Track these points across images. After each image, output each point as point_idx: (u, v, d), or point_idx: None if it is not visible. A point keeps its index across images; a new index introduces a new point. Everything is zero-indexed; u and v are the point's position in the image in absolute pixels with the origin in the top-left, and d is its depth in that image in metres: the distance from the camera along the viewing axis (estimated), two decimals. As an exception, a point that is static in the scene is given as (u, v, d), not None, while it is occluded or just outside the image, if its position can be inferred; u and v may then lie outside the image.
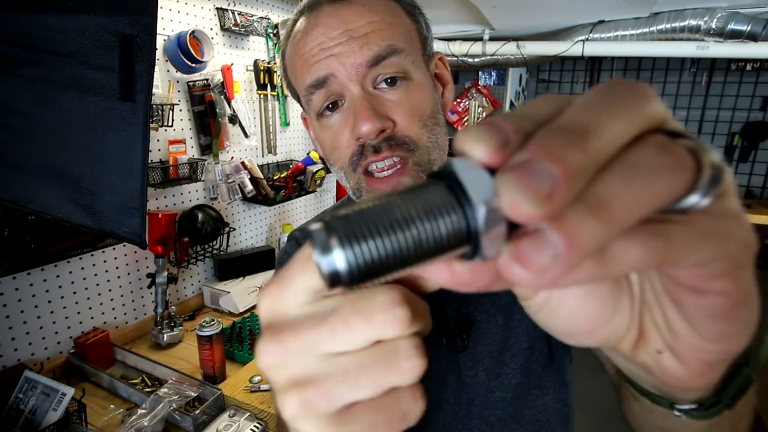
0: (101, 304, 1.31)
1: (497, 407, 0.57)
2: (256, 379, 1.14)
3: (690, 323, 0.18)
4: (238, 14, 1.61)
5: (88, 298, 1.27)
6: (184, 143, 1.46)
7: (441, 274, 0.15)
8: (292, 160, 1.97)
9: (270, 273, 1.70)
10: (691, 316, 0.17)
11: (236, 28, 1.60)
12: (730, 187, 0.15)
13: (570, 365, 0.62)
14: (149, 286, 1.37)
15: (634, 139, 0.14)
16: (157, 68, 1.30)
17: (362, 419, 0.18)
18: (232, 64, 1.58)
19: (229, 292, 1.53)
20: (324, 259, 0.14)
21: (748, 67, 2.79)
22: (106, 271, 1.31)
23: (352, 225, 0.14)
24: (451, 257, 0.15)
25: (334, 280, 0.14)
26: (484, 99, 3.12)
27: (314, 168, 1.81)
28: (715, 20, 1.94)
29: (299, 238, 0.68)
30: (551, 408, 0.59)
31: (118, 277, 1.35)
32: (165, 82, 1.41)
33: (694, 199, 0.14)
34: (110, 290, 1.33)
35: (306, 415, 0.18)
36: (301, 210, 2.16)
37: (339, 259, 0.14)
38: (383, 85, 0.50)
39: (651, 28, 2.12)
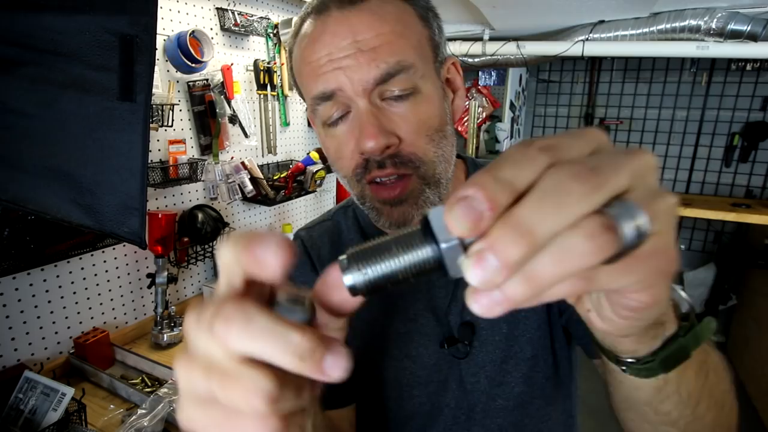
0: (101, 304, 1.31)
1: (498, 415, 0.57)
2: (256, 379, 1.14)
3: (611, 305, 0.24)
4: (238, 14, 1.61)
5: (88, 298, 1.27)
6: (184, 143, 1.46)
7: None
8: (292, 160, 1.97)
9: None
10: (612, 303, 0.24)
11: (236, 28, 1.60)
12: (659, 228, 0.19)
13: (574, 375, 0.62)
14: (149, 286, 1.37)
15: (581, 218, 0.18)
16: (157, 68, 1.30)
17: (210, 412, 0.22)
18: (232, 64, 1.58)
19: (229, 292, 1.53)
20: (345, 278, 0.22)
21: (748, 67, 2.79)
22: (106, 271, 1.31)
23: (363, 257, 0.22)
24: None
25: (352, 291, 0.22)
26: (484, 99, 3.12)
27: (314, 168, 1.81)
28: (715, 20, 1.94)
29: (304, 238, 0.68)
30: (554, 418, 0.59)
31: (118, 277, 1.35)
32: (165, 82, 1.41)
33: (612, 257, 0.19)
34: (110, 290, 1.33)
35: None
36: (301, 210, 2.16)
37: (352, 278, 0.22)
38: (390, 97, 0.48)
39: (651, 28, 2.12)
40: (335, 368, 0.21)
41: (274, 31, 1.77)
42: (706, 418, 0.35)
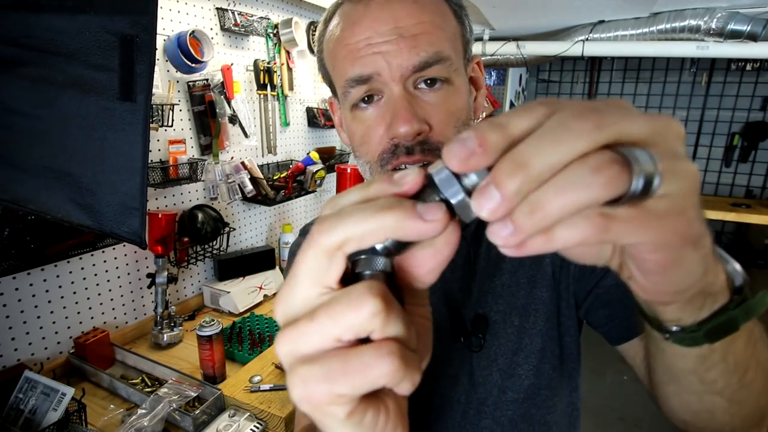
0: (101, 304, 1.31)
1: (509, 408, 0.57)
2: (256, 379, 1.14)
3: (637, 269, 0.24)
4: (238, 14, 1.61)
5: (88, 298, 1.27)
6: (184, 143, 1.46)
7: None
8: (292, 160, 1.97)
9: (269, 273, 1.70)
10: (637, 266, 0.24)
11: (236, 28, 1.60)
12: (675, 189, 0.19)
13: (580, 369, 0.62)
14: (149, 286, 1.37)
15: (584, 154, 0.18)
16: (157, 68, 1.30)
17: (323, 362, 0.21)
18: (232, 64, 1.58)
19: (229, 292, 1.53)
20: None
21: (748, 67, 2.79)
22: (106, 271, 1.31)
23: None
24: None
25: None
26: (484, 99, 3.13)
27: (314, 168, 1.81)
28: (715, 20, 1.94)
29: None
30: (560, 409, 0.59)
31: (118, 277, 1.35)
32: (165, 82, 1.41)
33: (624, 199, 0.19)
34: (110, 290, 1.33)
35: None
36: (301, 210, 2.16)
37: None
38: (423, 85, 0.50)
39: (651, 28, 2.12)
40: (430, 212, 0.20)
41: (274, 31, 1.77)
42: (753, 386, 0.35)
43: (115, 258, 1.33)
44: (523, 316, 0.57)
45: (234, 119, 1.61)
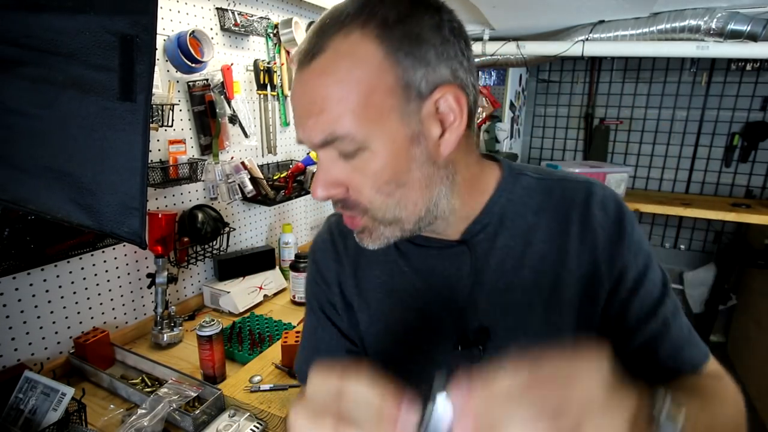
0: (101, 304, 1.31)
1: None
2: (256, 379, 1.14)
3: None
4: (238, 14, 1.61)
5: (88, 298, 1.27)
6: (184, 143, 1.46)
7: None
8: (292, 160, 1.97)
9: (269, 273, 1.70)
10: None
11: (236, 28, 1.60)
12: None
13: None
14: (149, 286, 1.37)
15: None
16: (157, 68, 1.30)
17: None
18: (232, 64, 1.58)
19: (229, 292, 1.53)
20: None
21: (748, 67, 2.79)
22: (106, 271, 1.31)
23: None
24: None
25: None
26: (484, 99, 3.12)
27: (314, 168, 1.81)
28: (715, 20, 1.94)
29: (332, 224, 0.72)
30: None
31: (118, 277, 1.35)
32: (165, 82, 1.41)
33: None
34: (110, 290, 1.33)
35: None
36: (301, 210, 2.16)
37: None
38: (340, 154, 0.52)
39: (651, 28, 2.12)
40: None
41: (274, 31, 1.77)
42: None
43: (115, 258, 1.33)
44: (531, 339, 0.56)
45: (234, 119, 1.61)
